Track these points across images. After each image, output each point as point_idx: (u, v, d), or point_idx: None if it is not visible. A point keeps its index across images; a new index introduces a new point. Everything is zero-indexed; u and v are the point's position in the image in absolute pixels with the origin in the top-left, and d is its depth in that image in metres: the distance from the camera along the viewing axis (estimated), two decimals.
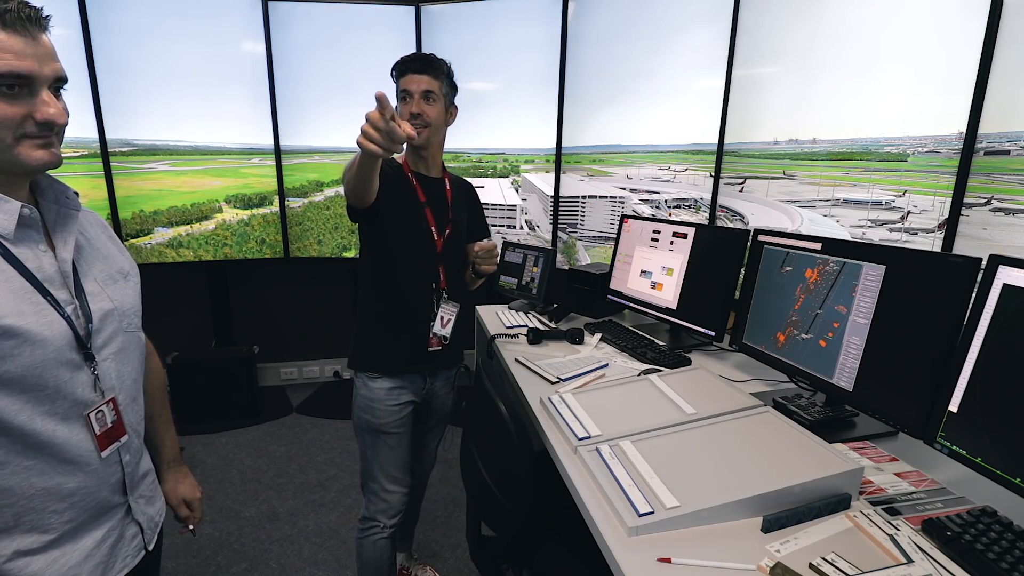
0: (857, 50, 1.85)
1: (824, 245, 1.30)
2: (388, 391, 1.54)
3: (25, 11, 0.69)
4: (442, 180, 1.60)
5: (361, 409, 1.57)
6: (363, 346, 1.57)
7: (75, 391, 0.78)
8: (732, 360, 1.68)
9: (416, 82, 1.47)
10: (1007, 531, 0.82)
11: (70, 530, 0.81)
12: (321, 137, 3.20)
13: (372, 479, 1.60)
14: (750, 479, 0.93)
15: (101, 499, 0.85)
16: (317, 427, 3.10)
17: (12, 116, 0.69)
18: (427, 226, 1.53)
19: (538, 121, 3.04)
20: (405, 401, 1.57)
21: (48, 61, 0.72)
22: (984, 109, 1.53)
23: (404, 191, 1.51)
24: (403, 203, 1.50)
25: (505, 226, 3.28)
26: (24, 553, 0.76)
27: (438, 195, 1.57)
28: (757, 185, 2.27)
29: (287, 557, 2.10)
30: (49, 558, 0.78)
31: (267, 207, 3.22)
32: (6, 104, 0.68)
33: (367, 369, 1.55)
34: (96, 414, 0.81)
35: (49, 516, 0.77)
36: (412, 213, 1.52)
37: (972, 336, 0.94)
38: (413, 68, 1.48)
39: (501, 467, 1.18)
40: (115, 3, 2.71)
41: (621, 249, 2.06)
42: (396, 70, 1.51)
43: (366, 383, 1.55)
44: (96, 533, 0.85)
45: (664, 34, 2.54)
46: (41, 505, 0.76)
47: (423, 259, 1.54)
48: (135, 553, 0.92)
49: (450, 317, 1.58)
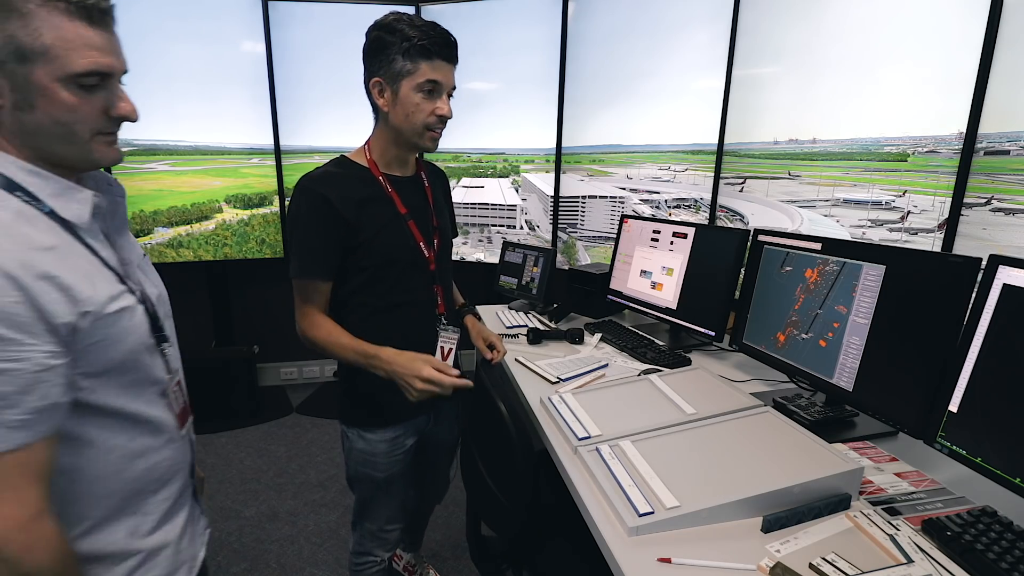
0: (857, 50, 1.85)
1: (824, 245, 1.30)
2: (390, 442, 1.33)
3: (104, 4, 0.67)
4: (419, 176, 1.33)
5: (359, 464, 1.36)
6: (355, 401, 1.33)
7: (157, 373, 0.81)
8: (732, 360, 1.68)
9: (447, 74, 1.18)
10: (1007, 531, 0.82)
11: (167, 510, 0.84)
12: (321, 137, 3.20)
13: (369, 521, 1.45)
14: (750, 479, 0.93)
15: (184, 478, 0.89)
16: (317, 427, 3.10)
17: (92, 112, 0.68)
18: (414, 242, 1.26)
19: (538, 121, 3.04)
20: (409, 447, 1.38)
21: (120, 55, 0.71)
22: (984, 109, 1.53)
23: (379, 207, 1.23)
24: (381, 223, 1.22)
25: (505, 226, 3.28)
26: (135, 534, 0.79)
27: (418, 199, 1.31)
28: (757, 185, 2.27)
29: (287, 557, 2.09)
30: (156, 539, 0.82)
31: (267, 207, 3.22)
32: (87, 100, 0.67)
33: (362, 425, 1.33)
34: (173, 393, 0.85)
35: (149, 497, 0.81)
36: (394, 232, 1.24)
37: (972, 336, 0.94)
38: (446, 56, 1.17)
39: (501, 467, 1.18)
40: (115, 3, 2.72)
41: (621, 249, 2.06)
42: (418, 51, 1.13)
43: (362, 436, 1.33)
44: (181, 516, 0.88)
45: (664, 34, 2.54)
46: (142, 486, 0.79)
47: (415, 284, 1.29)
48: (204, 542, 0.96)
49: (451, 347, 1.32)
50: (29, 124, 0.65)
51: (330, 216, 1.17)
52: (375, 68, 1.18)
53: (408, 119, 1.19)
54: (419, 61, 1.14)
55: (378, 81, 1.18)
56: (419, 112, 1.18)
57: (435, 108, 1.18)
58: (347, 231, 1.18)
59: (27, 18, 0.60)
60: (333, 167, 1.25)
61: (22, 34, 0.60)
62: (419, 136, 1.22)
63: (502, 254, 2.30)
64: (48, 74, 0.62)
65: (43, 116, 0.65)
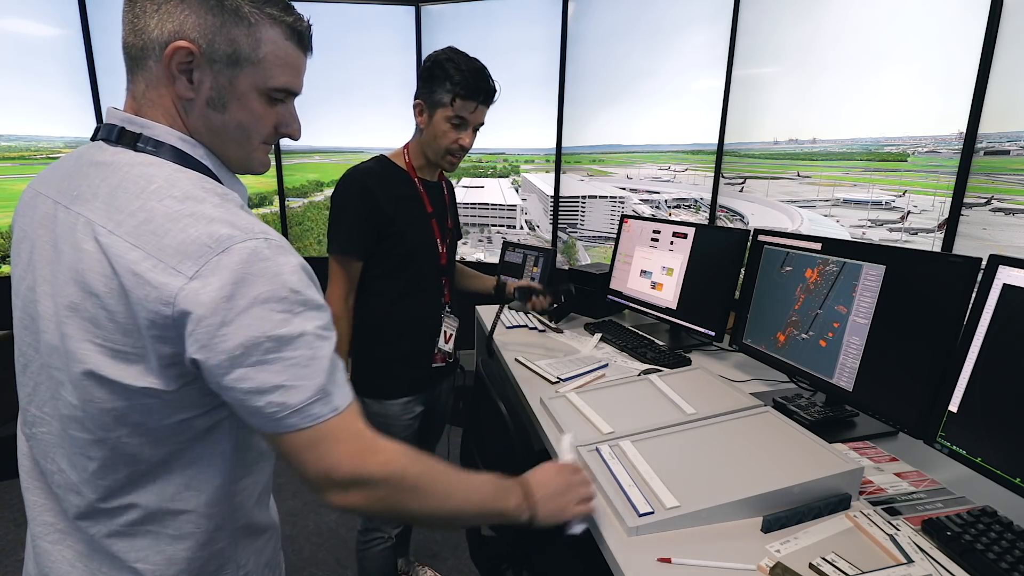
0: (857, 50, 1.85)
1: (824, 245, 1.30)
2: (403, 406, 1.50)
3: (310, 32, 0.71)
4: (440, 184, 1.56)
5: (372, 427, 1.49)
6: (372, 371, 1.48)
7: None
8: (732, 360, 1.68)
9: (477, 114, 1.38)
10: (1007, 531, 0.82)
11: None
12: (321, 137, 3.19)
13: None
14: (750, 479, 0.93)
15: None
16: None
17: (268, 123, 0.70)
18: (433, 238, 1.47)
19: (538, 121, 3.04)
20: (417, 413, 1.54)
21: (303, 79, 0.74)
22: (984, 109, 1.53)
23: (414, 203, 1.44)
24: (414, 216, 1.43)
25: (505, 226, 3.29)
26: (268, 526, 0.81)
27: (440, 202, 1.52)
28: (757, 185, 2.28)
29: (287, 557, 2.09)
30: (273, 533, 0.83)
31: (267, 207, 3.22)
32: (269, 111, 0.69)
33: (377, 396, 1.48)
34: None
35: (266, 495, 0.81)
36: (422, 226, 1.45)
37: (972, 336, 0.94)
38: (485, 101, 1.37)
39: (501, 467, 1.18)
40: (115, 3, 2.69)
41: (621, 249, 2.06)
42: (466, 91, 1.32)
43: (379, 401, 1.48)
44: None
45: (664, 34, 2.54)
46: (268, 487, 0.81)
47: (430, 274, 1.49)
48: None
49: (452, 332, 1.55)
50: (215, 122, 0.66)
51: (374, 206, 1.36)
52: (422, 91, 1.38)
53: (435, 141, 1.39)
54: (456, 100, 1.34)
55: (420, 103, 1.39)
56: (444, 138, 1.38)
57: (459, 138, 1.38)
58: (385, 221, 1.37)
59: (252, 28, 0.64)
60: (375, 165, 1.43)
61: (244, 41, 0.63)
62: (440, 157, 1.42)
63: (502, 254, 2.30)
64: (250, 82, 0.65)
65: (230, 118, 0.66)
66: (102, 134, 0.65)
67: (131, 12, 0.62)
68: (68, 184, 0.63)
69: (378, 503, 0.66)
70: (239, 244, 0.56)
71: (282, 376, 0.58)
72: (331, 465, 0.62)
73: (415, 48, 3.08)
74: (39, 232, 0.64)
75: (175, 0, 0.61)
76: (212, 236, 0.55)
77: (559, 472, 0.88)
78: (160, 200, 0.57)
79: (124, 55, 0.64)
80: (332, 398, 0.62)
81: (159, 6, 0.60)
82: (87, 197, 0.60)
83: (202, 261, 0.55)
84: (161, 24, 0.60)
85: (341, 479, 0.63)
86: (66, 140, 2.84)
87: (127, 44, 0.63)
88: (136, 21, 0.61)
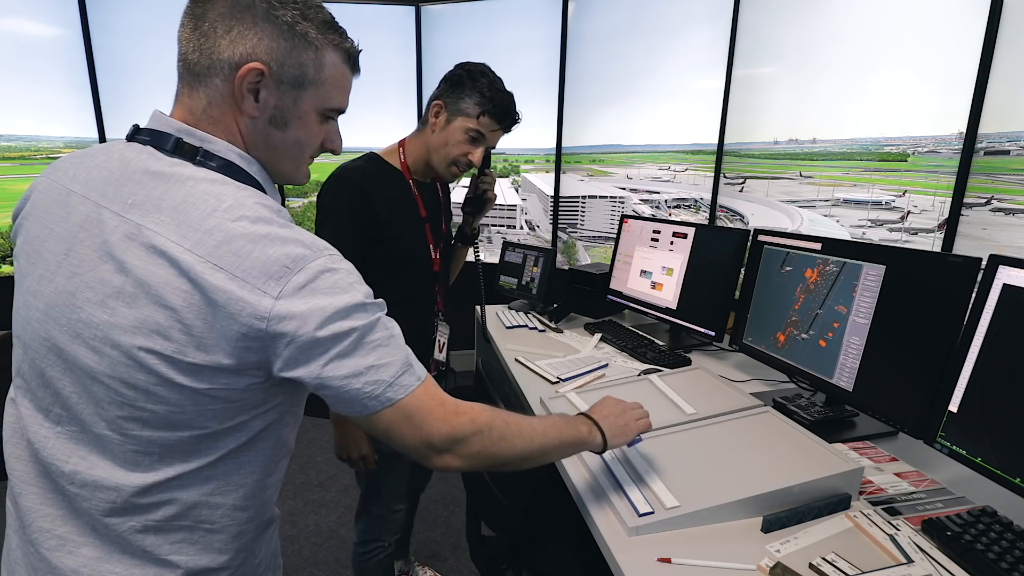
0: (857, 50, 1.85)
1: (824, 245, 1.30)
2: None
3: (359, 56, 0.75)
4: (434, 185, 1.47)
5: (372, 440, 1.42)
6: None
7: None
8: (732, 360, 1.68)
9: (494, 136, 1.35)
10: (1007, 531, 0.82)
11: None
12: None
13: (377, 504, 1.50)
14: (750, 479, 0.93)
15: None
16: (317, 427, 3.10)
17: (317, 139, 0.74)
18: (427, 244, 1.40)
19: (538, 121, 3.04)
20: None
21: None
22: (984, 109, 1.53)
23: (408, 206, 1.36)
24: (406, 223, 1.35)
25: (505, 226, 3.29)
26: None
27: (434, 206, 1.44)
28: (757, 185, 2.28)
29: (287, 557, 2.09)
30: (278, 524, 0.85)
31: None
32: (321, 129, 0.73)
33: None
34: None
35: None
36: (415, 233, 1.37)
37: (972, 336, 0.94)
38: (508, 128, 1.36)
39: None
40: (115, 3, 2.71)
41: (621, 249, 2.06)
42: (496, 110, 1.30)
43: None
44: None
45: (664, 34, 2.54)
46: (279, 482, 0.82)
47: (423, 282, 1.42)
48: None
49: (444, 341, 1.49)
50: (274, 139, 0.70)
51: (367, 209, 1.26)
52: (445, 92, 1.31)
53: (445, 147, 1.32)
54: (483, 116, 1.29)
55: (441, 104, 1.31)
56: (456, 148, 1.31)
57: (469, 152, 1.32)
58: (379, 225, 1.28)
59: (318, 53, 0.68)
60: (367, 163, 1.34)
61: (310, 65, 0.68)
62: (444, 165, 1.34)
63: (502, 254, 2.30)
64: (312, 103, 0.70)
65: (289, 136, 0.70)
66: (152, 140, 0.65)
67: (197, 31, 0.64)
68: (117, 190, 0.63)
69: (475, 458, 0.73)
70: (312, 263, 0.61)
71: (371, 357, 0.64)
72: (428, 433, 0.68)
73: (415, 48, 3.08)
74: (79, 236, 0.63)
75: (248, 23, 0.64)
76: (289, 256, 0.60)
77: (611, 400, 0.98)
78: (235, 220, 0.60)
79: (184, 71, 0.66)
80: (414, 369, 0.69)
81: (230, 28, 0.64)
82: (148, 208, 0.61)
83: (284, 281, 0.60)
84: (233, 46, 0.64)
85: (440, 444, 0.69)
86: (66, 140, 2.84)
87: (191, 62, 0.65)
88: (203, 41, 0.64)
